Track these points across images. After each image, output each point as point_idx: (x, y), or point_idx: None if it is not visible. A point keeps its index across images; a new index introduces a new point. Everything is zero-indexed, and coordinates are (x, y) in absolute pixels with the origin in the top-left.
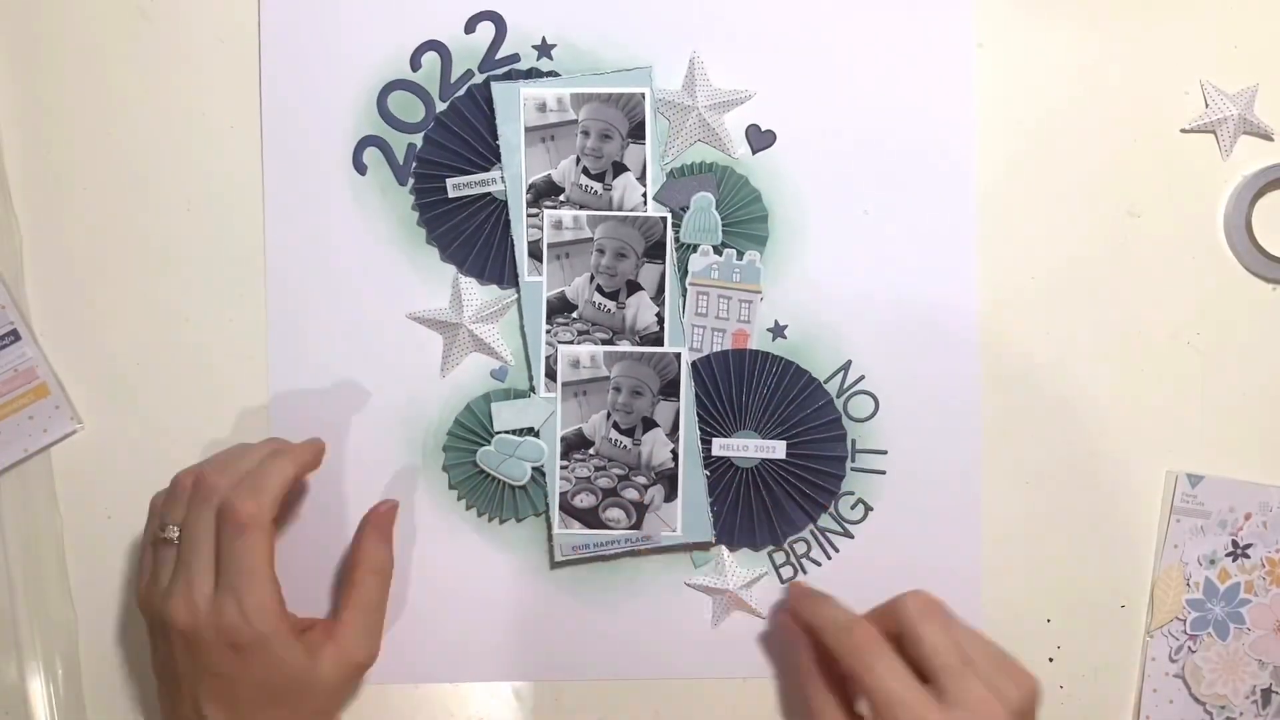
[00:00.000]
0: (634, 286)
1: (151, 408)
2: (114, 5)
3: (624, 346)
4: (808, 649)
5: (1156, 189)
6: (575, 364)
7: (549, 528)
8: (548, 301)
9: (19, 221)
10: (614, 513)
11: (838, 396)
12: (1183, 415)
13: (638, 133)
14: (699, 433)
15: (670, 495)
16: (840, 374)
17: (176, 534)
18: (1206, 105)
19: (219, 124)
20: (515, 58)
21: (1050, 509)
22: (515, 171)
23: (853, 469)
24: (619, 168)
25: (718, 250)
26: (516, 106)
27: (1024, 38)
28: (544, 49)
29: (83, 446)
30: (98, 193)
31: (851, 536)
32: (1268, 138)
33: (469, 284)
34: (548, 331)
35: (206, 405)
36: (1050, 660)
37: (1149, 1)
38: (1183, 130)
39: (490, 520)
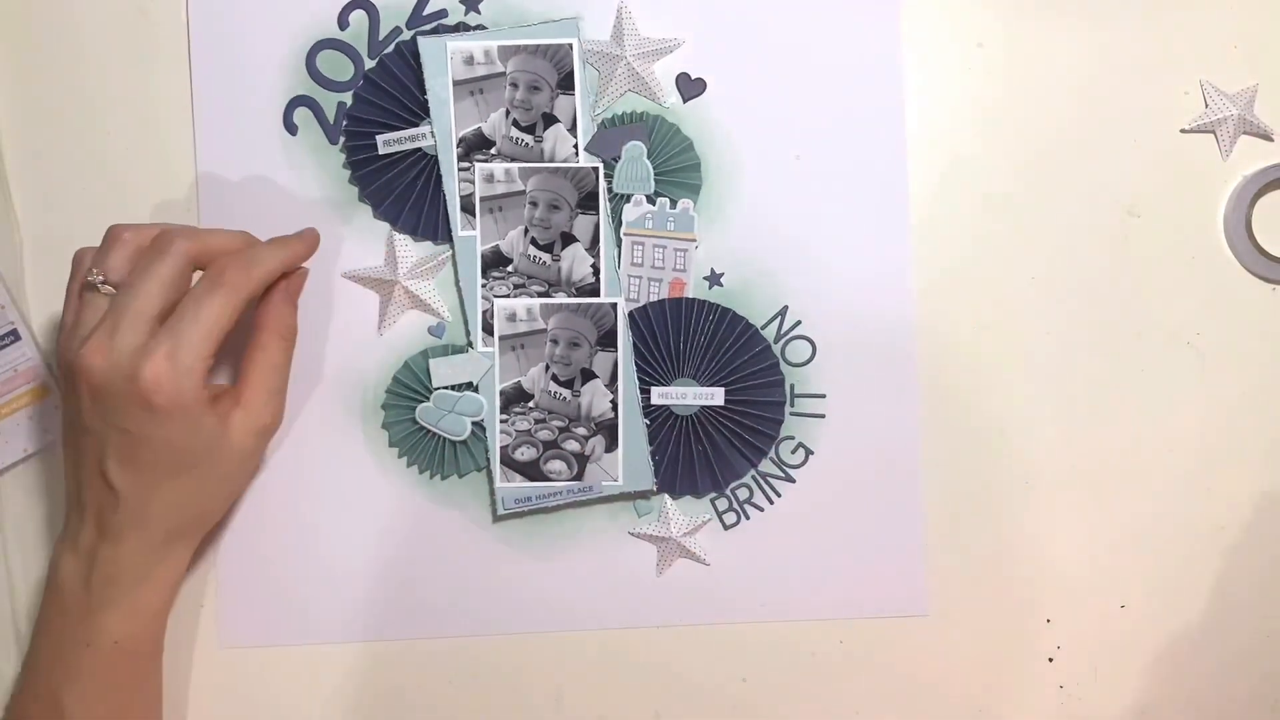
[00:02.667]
0: (568, 238)
1: None
2: (114, 5)
3: (560, 298)
4: None
5: (1156, 189)
6: (512, 317)
7: (490, 482)
8: (482, 256)
9: (19, 221)
10: (555, 465)
11: (775, 342)
12: (1182, 415)
13: (567, 84)
14: (638, 382)
15: (611, 445)
16: (777, 320)
17: (107, 284)
18: (1206, 105)
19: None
20: (443, 13)
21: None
22: (445, 126)
23: (792, 414)
24: (549, 119)
25: (651, 200)
26: (444, 61)
27: (1024, 38)
28: (470, 3)
29: None
30: (98, 193)
31: (793, 480)
32: (1268, 138)
33: (403, 241)
34: (483, 286)
35: None
36: (1050, 660)
37: (1149, 2)
38: (1183, 130)
39: (432, 477)
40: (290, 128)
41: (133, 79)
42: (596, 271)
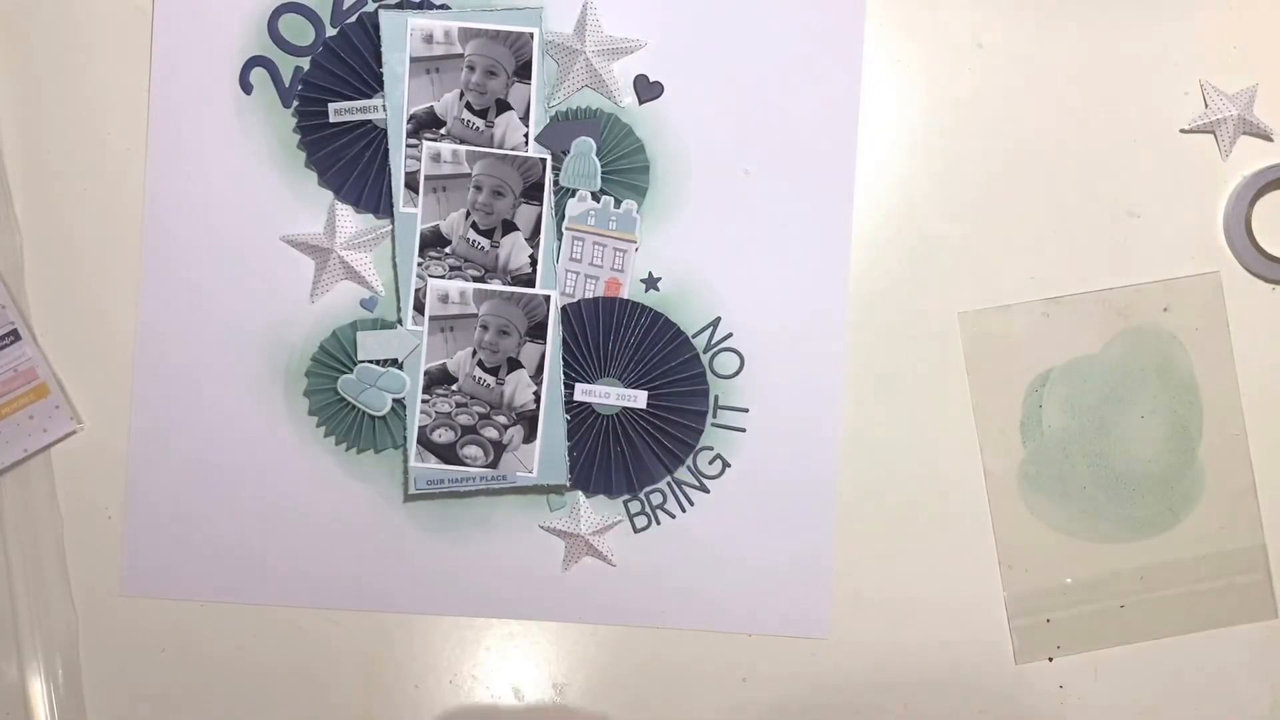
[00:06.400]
0: (509, 226)
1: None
2: (114, 4)
3: (495, 285)
4: None
5: (1156, 189)
6: (444, 299)
7: (405, 461)
8: (421, 234)
9: (19, 221)
10: (472, 450)
11: (705, 352)
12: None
13: (524, 72)
14: (563, 377)
15: (529, 437)
16: (709, 330)
17: None
18: (1206, 105)
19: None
20: None
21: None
22: (397, 101)
23: (714, 425)
24: (502, 106)
25: (596, 197)
26: (403, 36)
27: (1024, 38)
28: None
29: (83, 446)
30: (98, 193)
31: (708, 491)
32: (1267, 138)
33: (344, 210)
34: (419, 264)
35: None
36: (1050, 660)
37: (1149, 1)
38: (1183, 130)
39: (348, 449)
40: (245, 86)
41: (132, 79)
42: (534, 262)
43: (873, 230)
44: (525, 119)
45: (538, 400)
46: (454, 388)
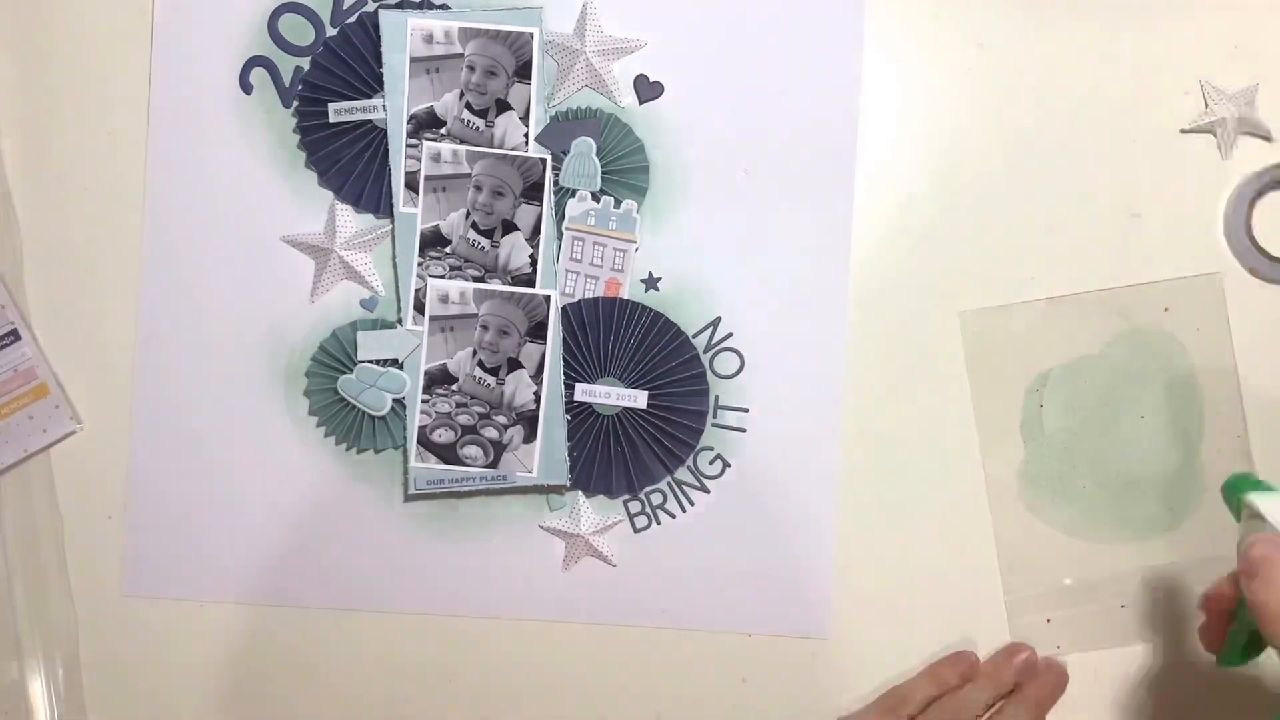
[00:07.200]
0: (509, 226)
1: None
2: (114, 4)
3: (495, 285)
4: None
5: (1156, 189)
6: (444, 299)
7: (405, 461)
8: (421, 234)
9: (19, 221)
10: (472, 450)
11: (705, 352)
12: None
13: (524, 72)
14: (563, 377)
15: (529, 437)
16: (709, 330)
17: None
18: (1206, 105)
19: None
20: None
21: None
22: (397, 101)
23: (714, 425)
24: (502, 106)
25: (596, 197)
26: (403, 36)
27: (1024, 38)
28: None
29: (83, 446)
30: (98, 193)
31: (708, 491)
32: (1267, 138)
33: (344, 210)
34: (419, 264)
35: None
36: None
37: (1149, 2)
38: (1183, 130)
39: (348, 449)
40: (245, 87)
41: (132, 79)
42: (534, 262)
43: (873, 230)
44: (525, 119)
45: (538, 400)
46: (454, 388)
